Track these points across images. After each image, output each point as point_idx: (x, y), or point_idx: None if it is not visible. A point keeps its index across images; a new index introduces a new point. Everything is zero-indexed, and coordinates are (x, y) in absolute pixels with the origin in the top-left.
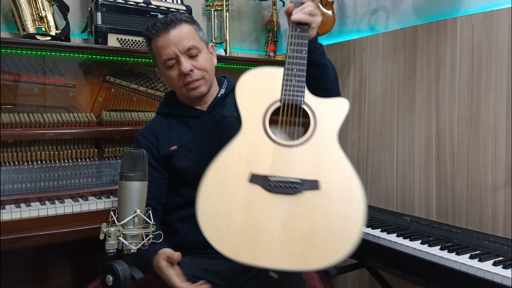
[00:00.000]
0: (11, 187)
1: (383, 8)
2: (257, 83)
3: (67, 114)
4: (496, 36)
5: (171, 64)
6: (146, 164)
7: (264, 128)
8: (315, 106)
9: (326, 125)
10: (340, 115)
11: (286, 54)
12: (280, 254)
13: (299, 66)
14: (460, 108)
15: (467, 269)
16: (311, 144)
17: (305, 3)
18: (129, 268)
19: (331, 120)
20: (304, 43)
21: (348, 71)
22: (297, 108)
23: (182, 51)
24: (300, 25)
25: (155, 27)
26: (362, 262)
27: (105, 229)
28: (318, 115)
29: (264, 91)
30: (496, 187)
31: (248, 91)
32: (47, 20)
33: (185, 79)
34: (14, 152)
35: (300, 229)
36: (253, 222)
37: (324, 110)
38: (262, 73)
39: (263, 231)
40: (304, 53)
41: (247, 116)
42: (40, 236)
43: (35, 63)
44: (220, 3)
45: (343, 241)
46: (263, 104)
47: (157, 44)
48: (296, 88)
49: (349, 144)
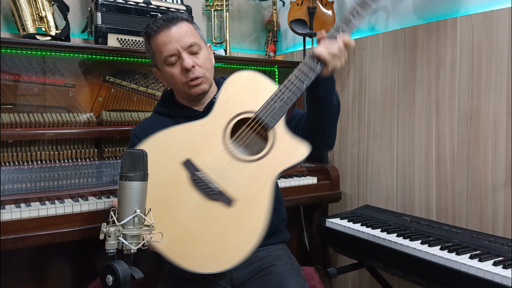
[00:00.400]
0: (11, 187)
1: (383, 8)
2: (248, 85)
3: (67, 114)
4: (496, 36)
5: (173, 60)
6: (146, 164)
7: (225, 128)
8: (279, 137)
9: (275, 160)
10: (293, 159)
11: (290, 75)
12: (178, 245)
13: (292, 94)
14: (460, 108)
15: (467, 269)
16: (252, 168)
17: (336, 41)
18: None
19: (282, 159)
20: (311, 75)
21: (348, 71)
22: (263, 129)
23: (184, 47)
24: (318, 59)
25: (156, 24)
26: (362, 262)
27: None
28: (275, 147)
29: (249, 96)
30: (496, 187)
31: (236, 87)
32: (47, 20)
33: (187, 76)
34: (14, 152)
35: (204, 232)
36: (166, 201)
37: (283, 146)
38: (258, 79)
39: (174, 218)
40: (304, 84)
41: (219, 108)
42: (40, 236)
43: (35, 63)
44: (220, 3)
45: (230, 257)
46: (239, 106)
47: (158, 40)
48: (275, 112)
49: (349, 144)
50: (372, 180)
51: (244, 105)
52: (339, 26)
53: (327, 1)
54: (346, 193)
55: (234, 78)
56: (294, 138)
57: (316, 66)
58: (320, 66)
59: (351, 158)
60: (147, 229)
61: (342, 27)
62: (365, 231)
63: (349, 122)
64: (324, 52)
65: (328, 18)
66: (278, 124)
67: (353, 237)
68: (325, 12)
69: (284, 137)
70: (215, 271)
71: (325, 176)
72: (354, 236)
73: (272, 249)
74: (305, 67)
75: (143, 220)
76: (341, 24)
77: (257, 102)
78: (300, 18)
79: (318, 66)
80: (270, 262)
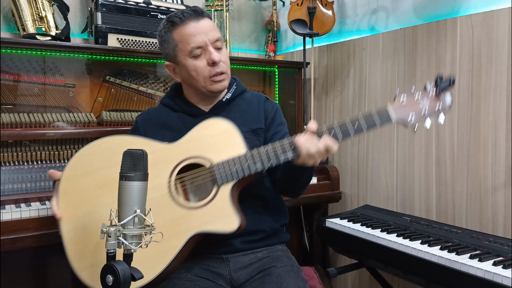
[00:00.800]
0: (11, 187)
1: (383, 8)
2: (222, 136)
3: (67, 114)
4: (496, 36)
5: (199, 53)
6: (146, 164)
7: (178, 163)
8: (220, 199)
9: (202, 218)
10: (219, 226)
11: (264, 146)
12: (84, 254)
13: (253, 165)
14: (460, 108)
15: (467, 269)
16: (180, 212)
17: (320, 140)
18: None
19: (209, 220)
20: (281, 159)
21: (348, 71)
22: (210, 182)
23: (211, 41)
24: (295, 147)
25: (184, 13)
26: (362, 262)
27: (105, 229)
28: (210, 206)
29: (216, 145)
30: (496, 187)
31: (211, 131)
32: (47, 20)
33: (213, 69)
34: (14, 152)
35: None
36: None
37: (218, 209)
38: (234, 135)
39: (92, 222)
40: (270, 164)
41: (187, 141)
42: (40, 236)
43: (35, 63)
44: (220, 3)
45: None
46: (202, 150)
47: (185, 30)
48: (229, 173)
49: (349, 144)
50: (372, 180)
51: (207, 151)
52: (333, 129)
53: (327, 1)
54: (346, 193)
55: (214, 122)
56: (232, 207)
57: (290, 153)
58: (293, 154)
59: (351, 158)
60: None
61: (335, 131)
62: (365, 231)
63: None
64: (303, 146)
65: (328, 18)
66: (226, 186)
67: (353, 237)
68: (325, 12)
69: (224, 201)
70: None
71: (325, 176)
72: (354, 236)
73: (271, 250)
74: (280, 148)
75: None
76: (336, 127)
77: (219, 154)
78: (300, 18)
79: (291, 154)
80: (269, 263)
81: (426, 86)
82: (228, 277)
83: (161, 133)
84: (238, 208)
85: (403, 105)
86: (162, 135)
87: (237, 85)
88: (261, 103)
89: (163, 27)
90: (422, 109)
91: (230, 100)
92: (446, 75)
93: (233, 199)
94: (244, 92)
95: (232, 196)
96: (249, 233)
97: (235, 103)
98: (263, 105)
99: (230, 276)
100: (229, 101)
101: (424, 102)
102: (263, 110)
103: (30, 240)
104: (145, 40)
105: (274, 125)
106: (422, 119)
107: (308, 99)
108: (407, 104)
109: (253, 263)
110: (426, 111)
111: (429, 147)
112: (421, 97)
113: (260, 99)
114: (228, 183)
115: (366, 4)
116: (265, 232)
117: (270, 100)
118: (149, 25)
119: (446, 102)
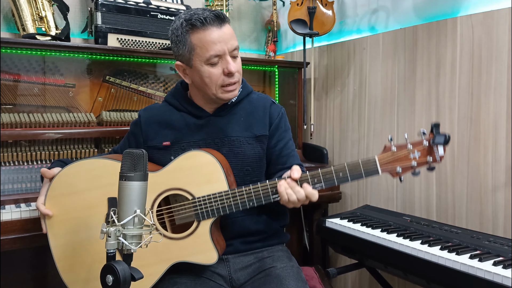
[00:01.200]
0: (11, 187)
1: (383, 8)
2: (205, 169)
3: (67, 114)
4: (496, 36)
5: (216, 61)
6: (146, 164)
7: (160, 194)
8: (200, 232)
9: (182, 250)
10: (198, 259)
11: (250, 186)
12: (75, 270)
13: (237, 204)
14: (460, 108)
15: (467, 269)
16: (161, 241)
17: (301, 188)
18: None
19: (189, 252)
20: (264, 201)
21: (348, 71)
22: (192, 215)
23: (230, 49)
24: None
25: (206, 18)
26: (362, 262)
27: (105, 229)
28: (190, 239)
29: (198, 179)
30: (496, 187)
31: (195, 163)
32: (47, 20)
33: (227, 80)
34: (14, 152)
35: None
36: (81, 222)
37: (197, 242)
38: (217, 171)
39: (81, 241)
40: (252, 203)
41: (171, 171)
42: (40, 236)
43: (35, 63)
44: (220, 3)
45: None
46: (185, 183)
47: (206, 37)
48: (211, 209)
49: (349, 144)
50: (372, 180)
51: (189, 184)
52: (314, 177)
53: (327, 1)
54: (346, 193)
55: (199, 154)
56: (211, 241)
57: (271, 197)
58: (274, 198)
59: (351, 158)
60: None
61: (316, 180)
62: (365, 231)
63: (349, 122)
64: (283, 193)
65: (328, 18)
66: (206, 221)
67: (353, 237)
68: (325, 12)
69: (204, 236)
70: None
71: None
72: (354, 236)
73: (271, 250)
74: (264, 191)
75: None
76: (318, 175)
77: (201, 189)
78: (300, 18)
79: (273, 198)
80: (269, 264)
81: (421, 133)
82: (228, 277)
83: (163, 132)
84: (219, 239)
85: (391, 157)
86: (164, 134)
87: (244, 87)
88: (267, 107)
89: (181, 27)
90: (412, 161)
91: (235, 103)
92: (442, 130)
93: (213, 233)
94: (250, 93)
95: (212, 231)
96: (249, 233)
97: (241, 106)
98: (268, 110)
99: (230, 277)
100: (234, 104)
101: (414, 154)
102: (268, 115)
103: (30, 240)
104: (145, 40)
105: (278, 132)
106: (410, 171)
107: (308, 99)
108: (396, 156)
109: (253, 264)
110: (415, 164)
111: None
112: (412, 148)
113: (266, 103)
114: (208, 219)
115: (366, 4)
116: (265, 233)
117: (276, 104)
118: (149, 25)
119: (438, 157)
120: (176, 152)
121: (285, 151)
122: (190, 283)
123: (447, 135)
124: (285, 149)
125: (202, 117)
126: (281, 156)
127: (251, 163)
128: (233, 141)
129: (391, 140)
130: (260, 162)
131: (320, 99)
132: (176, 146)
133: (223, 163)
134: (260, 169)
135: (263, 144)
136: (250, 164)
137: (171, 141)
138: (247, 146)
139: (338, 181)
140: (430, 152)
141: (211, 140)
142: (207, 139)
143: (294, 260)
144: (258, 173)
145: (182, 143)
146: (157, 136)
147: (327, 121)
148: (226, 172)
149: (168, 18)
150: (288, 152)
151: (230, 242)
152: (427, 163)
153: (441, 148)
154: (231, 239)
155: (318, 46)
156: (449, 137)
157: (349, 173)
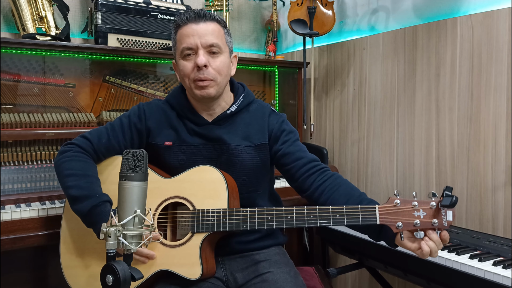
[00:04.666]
0: (11, 187)
1: (383, 8)
2: (212, 185)
3: (67, 114)
4: (496, 36)
5: (188, 53)
6: (146, 164)
7: (164, 200)
8: (191, 246)
9: (169, 259)
10: (182, 271)
11: (247, 210)
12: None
13: (231, 223)
14: (460, 108)
15: (467, 269)
16: (152, 248)
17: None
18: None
19: (175, 263)
20: (255, 223)
21: (348, 71)
22: (189, 226)
23: (204, 45)
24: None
25: (186, 15)
26: (362, 262)
27: (105, 229)
28: (179, 250)
29: (202, 192)
30: (496, 187)
31: (203, 178)
32: (47, 20)
33: (197, 74)
34: (14, 152)
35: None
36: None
37: (186, 255)
38: (221, 188)
39: (85, 246)
40: (242, 227)
41: (180, 180)
42: (40, 236)
43: (35, 63)
44: (220, 3)
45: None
46: (190, 194)
47: (183, 31)
48: (206, 224)
49: (349, 144)
50: (372, 180)
51: (193, 195)
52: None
53: (327, 1)
54: None
55: (211, 170)
56: (198, 256)
57: (268, 223)
58: (270, 225)
59: (351, 158)
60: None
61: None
62: None
63: (349, 122)
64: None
65: (328, 18)
66: (200, 234)
67: (353, 237)
68: (325, 12)
69: (194, 249)
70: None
71: None
72: (354, 236)
73: (268, 253)
74: (260, 216)
75: (143, 220)
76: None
77: (202, 202)
78: (300, 18)
79: (269, 224)
80: (266, 268)
81: (430, 195)
82: (224, 279)
83: (166, 131)
84: (208, 259)
85: (393, 210)
86: (167, 134)
87: (245, 96)
88: (266, 116)
89: (172, 27)
90: (415, 219)
91: (234, 113)
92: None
93: (204, 249)
94: (251, 103)
95: (203, 247)
96: (244, 233)
97: (240, 115)
98: (267, 119)
99: (226, 278)
100: (233, 114)
101: (419, 212)
102: (266, 124)
103: (30, 240)
104: (145, 40)
105: (282, 135)
106: (412, 229)
107: (308, 99)
108: (398, 209)
109: (250, 266)
110: (418, 222)
111: (429, 147)
112: (418, 206)
113: (264, 112)
114: (202, 233)
115: (366, 4)
116: (260, 233)
117: (275, 112)
118: (149, 25)
119: (445, 221)
120: (176, 154)
121: (295, 147)
122: (187, 286)
123: (454, 197)
124: (294, 146)
125: (202, 124)
126: (292, 153)
127: (248, 173)
128: (232, 150)
129: (397, 194)
130: (257, 173)
131: (320, 99)
132: (176, 147)
133: (230, 184)
134: (257, 179)
135: (262, 153)
136: (247, 174)
137: (172, 142)
138: (246, 156)
139: (334, 222)
140: (437, 215)
141: (211, 145)
142: (207, 144)
143: (291, 264)
144: (254, 183)
145: (182, 145)
146: (159, 134)
147: (327, 121)
148: (231, 192)
149: (168, 18)
150: (299, 148)
151: (226, 242)
152: (432, 225)
153: (450, 212)
154: (227, 238)
155: (318, 46)
156: (456, 200)
157: (346, 217)
